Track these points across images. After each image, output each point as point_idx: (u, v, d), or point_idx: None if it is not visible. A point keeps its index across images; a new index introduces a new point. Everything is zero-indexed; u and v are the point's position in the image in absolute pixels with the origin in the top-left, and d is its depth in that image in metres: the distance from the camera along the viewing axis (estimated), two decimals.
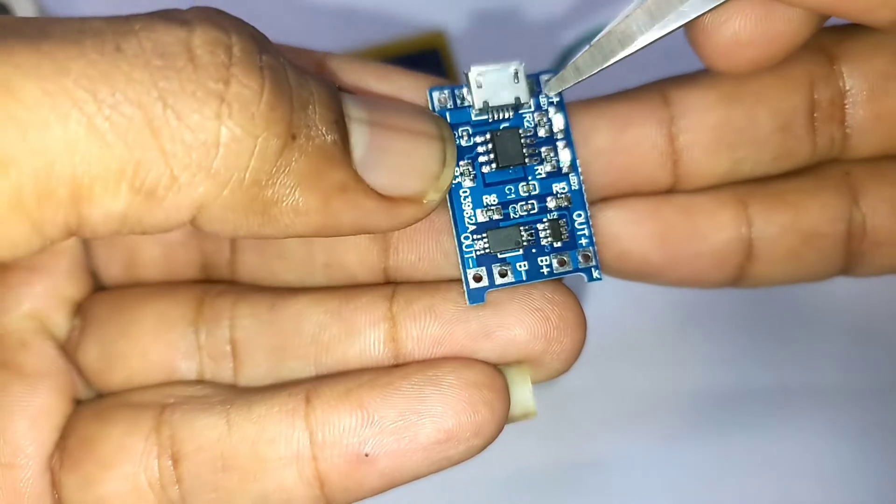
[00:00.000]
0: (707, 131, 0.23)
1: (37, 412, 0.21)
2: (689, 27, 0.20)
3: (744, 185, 0.24)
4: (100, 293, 0.23)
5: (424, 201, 0.20)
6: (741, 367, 0.39)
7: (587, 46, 0.21)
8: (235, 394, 0.21)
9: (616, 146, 0.23)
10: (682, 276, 0.24)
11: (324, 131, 0.18)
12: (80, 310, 0.23)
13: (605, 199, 0.23)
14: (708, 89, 0.23)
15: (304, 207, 0.18)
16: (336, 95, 0.19)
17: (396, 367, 0.21)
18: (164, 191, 0.17)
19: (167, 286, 0.23)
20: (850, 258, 0.24)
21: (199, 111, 0.17)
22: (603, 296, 0.37)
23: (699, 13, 0.20)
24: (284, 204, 0.18)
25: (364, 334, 0.21)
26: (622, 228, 0.23)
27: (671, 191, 0.24)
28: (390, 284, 0.22)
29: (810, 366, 0.38)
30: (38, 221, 0.16)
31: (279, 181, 0.18)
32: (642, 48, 0.20)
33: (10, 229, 0.16)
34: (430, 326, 0.21)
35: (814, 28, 0.20)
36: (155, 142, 0.16)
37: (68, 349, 0.23)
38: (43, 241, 0.17)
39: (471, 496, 0.37)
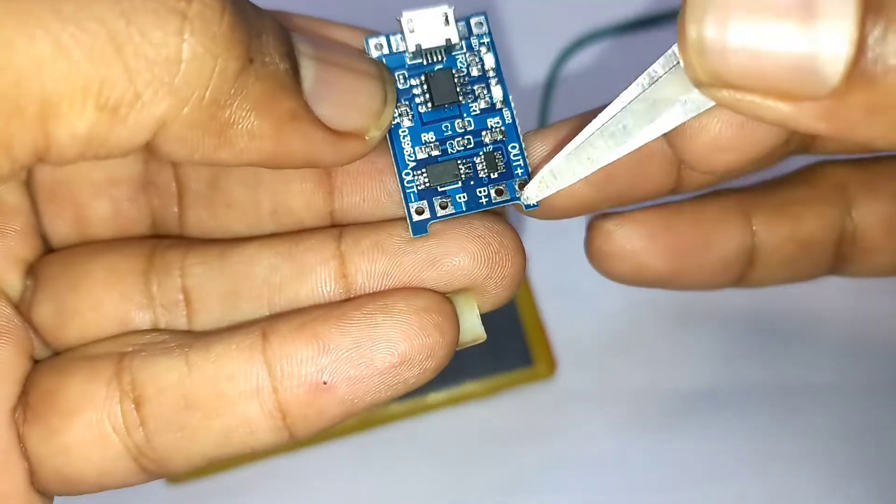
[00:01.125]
0: None
1: None
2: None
3: (747, 194, 0.25)
4: (51, 254, 0.24)
5: (367, 137, 0.21)
6: (740, 365, 0.39)
7: (564, 154, 0.21)
8: (193, 337, 0.22)
9: (634, 159, 0.23)
10: (689, 282, 0.25)
11: (277, 59, 0.19)
12: (32, 270, 0.23)
13: (621, 214, 0.24)
14: None
15: (259, 132, 0.19)
16: (286, 30, 0.20)
17: (348, 300, 0.22)
18: (128, 108, 0.17)
19: (117, 242, 0.24)
20: (839, 262, 0.26)
21: (162, 27, 0.17)
22: (601, 295, 0.38)
23: (676, 125, 0.20)
24: (240, 126, 0.19)
25: (315, 272, 0.22)
26: (640, 244, 0.24)
27: (672, 192, 0.24)
28: (337, 226, 0.23)
29: (809, 365, 0.38)
30: (7, 142, 0.17)
31: (236, 103, 0.18)
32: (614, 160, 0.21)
33: None
34: (378, 260, 0.22)
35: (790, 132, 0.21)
36: (119, 58, 0.17)
37: (22, 309, 0.23)
38: (12, 164, 0.17)
39: (470, 495, 0.37)
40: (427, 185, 0.22)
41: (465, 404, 0.38)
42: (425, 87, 0.22)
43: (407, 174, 0.22)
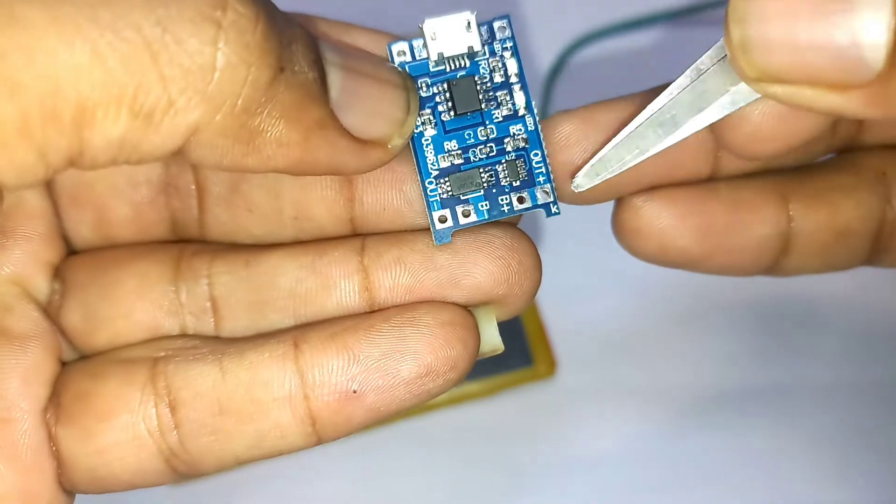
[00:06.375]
0: None
1: (27, 370, 0.22)
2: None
3: (784, 179, 0.25)
4: (76, 256, 0.24)
5: (389, 146, 0.21)
6: (740, 365, 0.39)
7: (614, 143, 0.22)
8: (224, 344, 0.22)
9: None
10: (719, 266, 0.25)
11: (306, 68, 0.19)
12: (59, 273, 0.23)
13: (650, 189, 0.24)
14: None
15: (286, 139, 0.19)
16: (314, 38, 0.20)
17: (375, 312, 0.22)
18: (162, 114, 0.17)
19: (143, 247, 0.24)
20: (876, 252, 0.25)
21: (197, 36, 0.17)
22: (602, 295, 0.38)
23: (723, 115, 0.20)
24: (269, 135, 0.19)
25: (339, 286, 0.22)
26: (667, 223, 0.24)
27: (710, 178, 0.24)
28: (359, 237, 0.23)
29: (810, 364, 0.38)
30: (43, 147, 0.17)
31: (267, 111, 0.18)
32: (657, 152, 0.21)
33: (18, 155, 0.17)
34: (401, 276, 0.22)
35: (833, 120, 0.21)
36: (154, 66, 0.17)
37: (50, 312, 0.23)
38: (46, 169, 0.17)
39: (470, 495, 0.37)
40: (450, 193, 0.22)
41: (465, 404, 0.38)
42: (448, 94, 0.22)
43: (430, 183, 0.22)
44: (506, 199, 0.22)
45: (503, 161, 0.22)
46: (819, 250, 0.25)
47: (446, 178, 0.22)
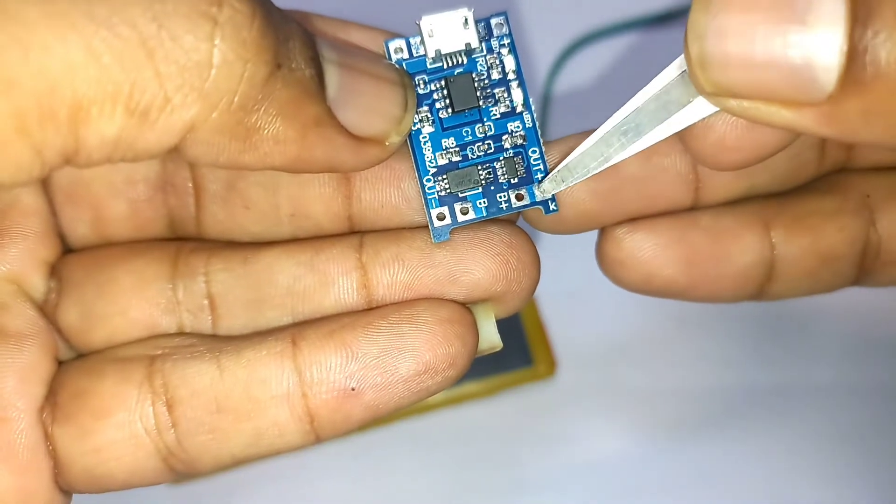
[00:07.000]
0: None
1: (23, 369, 0.22)
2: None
3: (766, 205, 0.25)
4: (73, 255, 0.24)
5: (387, 143, 0.21)
6: (740, 365, 0.39)
7: (580, 151, 0.22)
8: (221, 342, 0.22)
9: (644, 174, 0.23)
10: (704, 295, 0.25)
11: (303, 65, 0.19)
12: (55, 271, 0.23)
13: (633, 220, 0.24)
14: None
15: (283, 137, 0.19)
16: (311, 35, 0.20)
17: (374, 309, 0.22)
18: (158, 112, 0.17)
19: (140, 245, 0.24)
20: (861, 274, 0.25)
21: (193, 32, 0.17)
22: (601, 295, 0.38)
23: (686, 125, 0.21)
24: (266, 132, 0.19)
25: (337, 283, 0.22)
26: (650, 254, 0.24)
27: (692, 208, 0.24)
28: (357, 234, 0.23)
29: (809, 365, 0.38)
30: (38, 145, 0.17)
31: (263, 108, 0.18)
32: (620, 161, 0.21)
33: (14, 152, 0.17)
34: (399, 273, 0.22)
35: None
36: (150, 63, 0.17)
37: (47, 311, 0.23)
38: (42, 167, 0.17)
39: (470, 495, 0.37)
40: (448, 190, 0.22)
41: (465, 404, 0.38)
42: (445, 91, 0.22)
43: (428, 180, 0.22)
44: (504, 196, 0.22)
45: (501, 158, 0.22)
46: (804, 275, 0.25)
47: (444, 176, 0.22)
